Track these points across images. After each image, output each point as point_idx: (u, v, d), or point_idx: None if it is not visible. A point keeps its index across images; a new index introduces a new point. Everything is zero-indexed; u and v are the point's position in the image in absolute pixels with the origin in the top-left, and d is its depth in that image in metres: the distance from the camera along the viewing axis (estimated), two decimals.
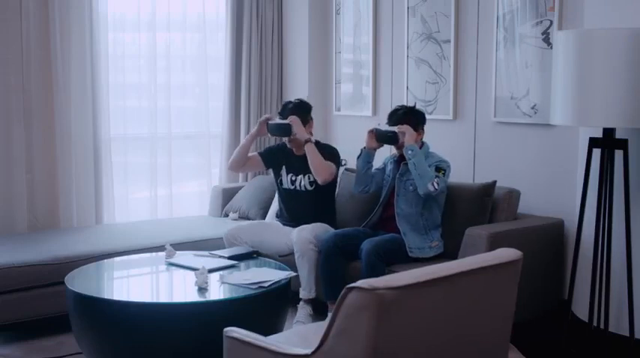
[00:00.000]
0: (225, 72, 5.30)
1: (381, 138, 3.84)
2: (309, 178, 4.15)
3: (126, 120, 4.98)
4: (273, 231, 4.15)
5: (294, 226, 4.05)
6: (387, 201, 3.92)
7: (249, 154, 4.32)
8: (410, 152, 3.69)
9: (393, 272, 3.41)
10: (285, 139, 4.21)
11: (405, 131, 3.74)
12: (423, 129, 3.88)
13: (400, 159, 3.85)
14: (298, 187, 4.18)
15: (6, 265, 3.61)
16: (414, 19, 4.55)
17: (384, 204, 3.94)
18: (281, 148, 4.33)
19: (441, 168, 3.72)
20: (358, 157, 3.95)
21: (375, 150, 3.92)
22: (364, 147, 3.92)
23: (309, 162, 4.01)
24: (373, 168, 4.00)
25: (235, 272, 3.41)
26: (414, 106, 3.96)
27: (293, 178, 4.19)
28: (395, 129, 3.78)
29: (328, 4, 5.25)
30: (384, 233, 3.85)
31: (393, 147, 3.98)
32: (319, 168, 4.00)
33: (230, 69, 5.28)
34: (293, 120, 4.07)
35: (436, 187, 3.63)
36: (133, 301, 3.06)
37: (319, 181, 4.03)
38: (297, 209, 4.20)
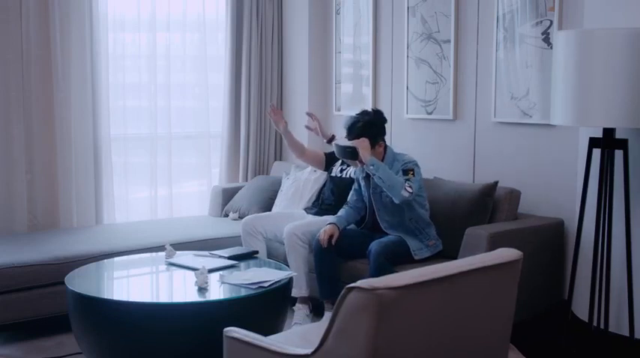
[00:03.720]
0: (225, 72, 5.30)
1: (340, 154, 3.74)
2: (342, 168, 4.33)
3: (126, 120, 4.99)
4: (290, 221, 4.16)
5: (327, 214, 4.16)
6: (373, 211, 3.85)
7: (319, 151, 4.48)
8: (372, 167, 3.59)
9: (396, 272, 3.40)
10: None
11: (360, 144, 3.63)
12: (383, 140, 3.76)
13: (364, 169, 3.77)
14: (345, 175, 4.28)
15: (6, 265, 3.61)
16: (414, 19, 4.55)
17: (371, 213, 3.88)
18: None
19: (409, 169, 3.64)
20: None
21: None
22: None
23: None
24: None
25: (235, 272, 3.40)
26: (373, 115, 3.82)
27: (343, 168, 4.32)
28: (353, 143, 3.66)
29: (328, 4, 5.25)
30: (383, 233, 3.85)
31: None
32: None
33: (230, 69, 5.28)
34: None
35: (410, 191, 3.56)
36: (133, 301, 3.06)
37: None
38: (339, 193, 4.26)
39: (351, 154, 3.68)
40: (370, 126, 3.74)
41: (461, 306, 2.15)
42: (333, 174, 4.37)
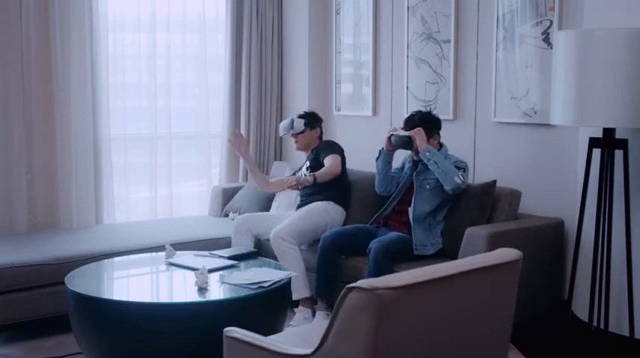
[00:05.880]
0: (225, 72, 5.30)
1: (396, 143, 3.88)
2: (307, 169, 4.40)
3: (126, 120, 4.98)
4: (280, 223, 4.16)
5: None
6: (401, 198, 3.94)
7: (283, 178, 4.58)
8: (428, 153, 3.73)
9: (395, 271, 3.41)
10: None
11: (417, 134, 3.78)
12: (438, 134, 3.92)
13: (418, 159, 3.87)
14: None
15: (6, 265, 3.61)
16: (414, 19, 4.55)
17: (397, 199, 3.95)
18: None
19: (460, 167, 3.78)
20: (377, 159, 4.01)
21: (393, 151, 3.98)
22: (382, 149, 3.97)
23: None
24: (393, 169, 4.05)
25: (235, 272, 3.41)
26: (430, 111, 3.98)
27: (307, 165, 4.42)
28: (409, 133, 3.82)
29: (328, 4, 5.25)
30: (386, 230, 3.85)
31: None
32: (324, 177, 4.17)
33: (230, 69, 5.28)
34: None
35: (462, 180, 3.69)
36: (133, 301, 3.05)
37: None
38: (305, 189, 4.36)
39: (408, 144, 3.84)
40: (427, 119, 3.90)
41: (461, 306, 2.15)
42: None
